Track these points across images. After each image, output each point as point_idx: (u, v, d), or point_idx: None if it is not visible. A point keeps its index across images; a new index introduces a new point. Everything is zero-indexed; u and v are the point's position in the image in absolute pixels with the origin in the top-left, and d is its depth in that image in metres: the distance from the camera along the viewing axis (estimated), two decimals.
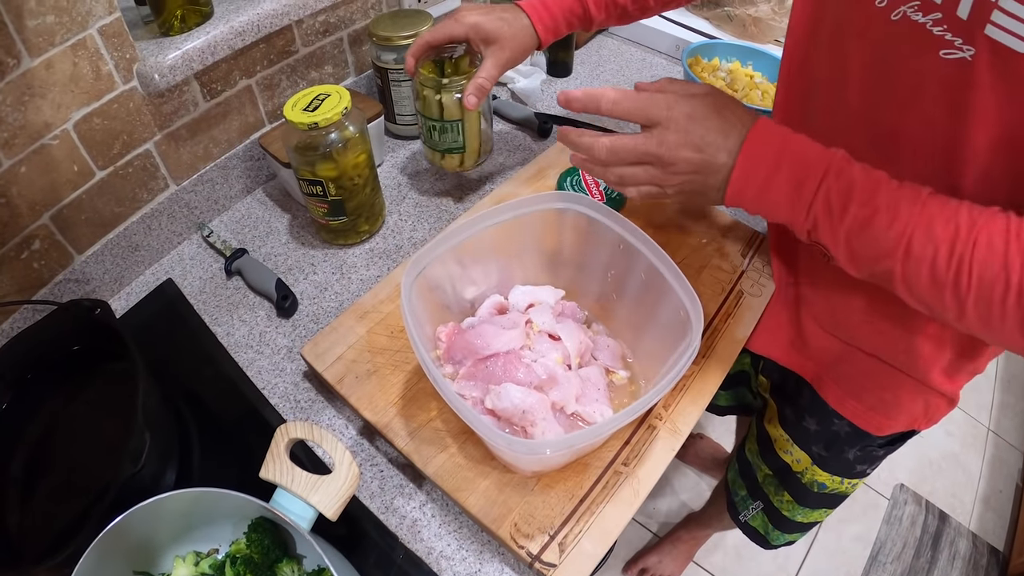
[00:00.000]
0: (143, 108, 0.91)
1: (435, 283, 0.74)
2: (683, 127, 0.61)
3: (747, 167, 0.60)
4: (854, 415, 0.90)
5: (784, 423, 1.03)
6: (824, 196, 0.57)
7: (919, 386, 0.83)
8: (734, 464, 1.24)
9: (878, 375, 0.84)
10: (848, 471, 0.99)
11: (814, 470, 1.01)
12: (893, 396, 0.86)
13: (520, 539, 0.66)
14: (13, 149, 0.78)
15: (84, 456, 0.77)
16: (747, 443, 1.18)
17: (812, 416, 0.96)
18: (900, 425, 0.90)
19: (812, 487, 1.04)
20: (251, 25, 0.95)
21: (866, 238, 0.56)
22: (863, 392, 0.88)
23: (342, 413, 0.82)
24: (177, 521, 0.65)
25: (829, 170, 0.57)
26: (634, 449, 0.74)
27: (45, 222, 0.86)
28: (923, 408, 0.86)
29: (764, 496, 1.15)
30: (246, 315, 0.94)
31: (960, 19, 0.52)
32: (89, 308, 0.76)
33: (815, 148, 0.59)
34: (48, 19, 0.76)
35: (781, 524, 1.16)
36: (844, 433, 0.93)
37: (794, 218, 0.60)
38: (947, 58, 0.54)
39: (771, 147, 0.60)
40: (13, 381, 0.77)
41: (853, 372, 0.87)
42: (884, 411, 0.88)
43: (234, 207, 1.11)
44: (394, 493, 0.75)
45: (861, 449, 0.95)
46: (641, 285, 0.75)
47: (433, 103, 0.96)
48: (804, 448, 1.00)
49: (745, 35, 1.45)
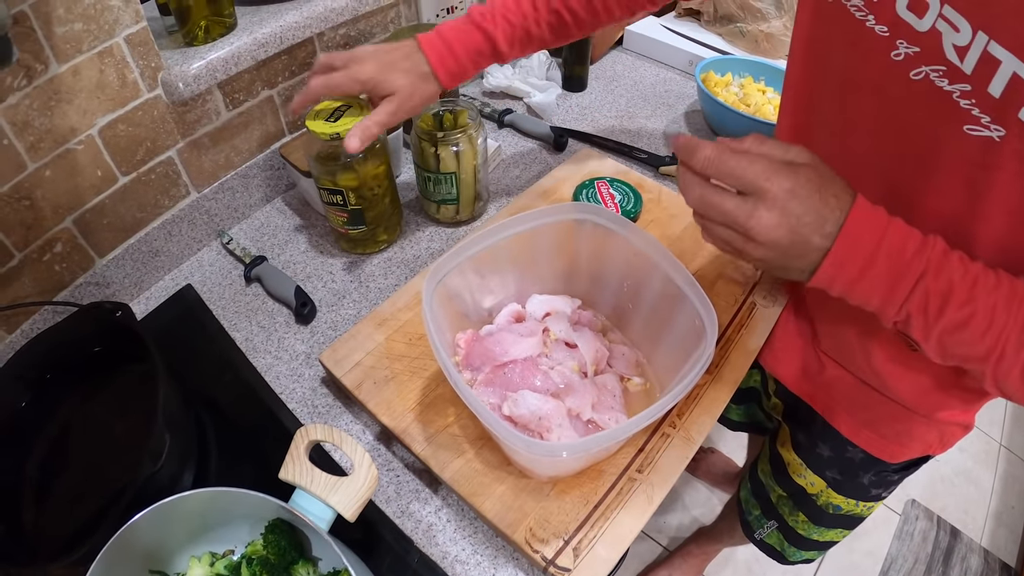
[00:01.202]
0: (167, 116, 0.93)
1: (454, 292, 0.75)
2: (780, 205, 0.53)
3: (842, 256, 0.54)
4: (868, 444, 0.90)
5: (797, 448, 1.02)
6: (921, 296, 0.54)
7: (932, 419, 0.83)
8: (747, 483, 1.23)
9: (891, 408, 0.84)
10: (864, 495, 0.99)
11: (829, 493, 1.00)
12: (906, 428, 0.86)
13: (535, 544, 0.67)
14: (39, 153, 0.80)
15: (101, 456, 0.78)
16: (760, 464, 1.17)
17: (825, 443, 0.96)
18: (915, 452, 0.90)
19: (827, 508, 1.03)
20: (274, 37, 0.97)
21: (960, 338, 0.54)
22: (876, 422, 0.88)
23: (359, 418, 0.83)
24: (193, 521, 0.66)
25: (928, 269, 0.53)
26: (648, 456, 0.75)
27: (68, 225, 0.87)
28: (938, 437, 0.86)
29: (778, 516, 1.14)
30: (265, 321, 0.95)
31: (991, 96, 0.50)
32: (111, 310, 0.77)
33: (914, 240, 0.54)
34: (76, 26, 0.77)
35: (797, 542, 1.15)
36: (859, 460, 0.93)
37: (885, 311, 0.56)
38: (971, 134, 0.53)
39: (870, 237, 0.54)
40: (33, 381, 0.79)
41: (866, 404, 0.87)
42: (898, 440, 0.88)
43: (253, 215, 1.13)
44: (410, 498, 0.75)
45: (876, 474, 0.95)
46: (656, 295, 0.75)
47: (430, 155, 0.98)
48: (818, 473, 1.00)
49: (757, 51, 1.46)
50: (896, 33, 0.56)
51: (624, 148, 1.24)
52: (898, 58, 0.56)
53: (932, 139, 0.57)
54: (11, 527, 0.70)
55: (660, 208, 1.05)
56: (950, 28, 0.51)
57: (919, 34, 0.54)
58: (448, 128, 1.00)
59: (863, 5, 0.58)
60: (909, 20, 0.54)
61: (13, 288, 0.84)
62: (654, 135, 1.30)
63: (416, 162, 1.02)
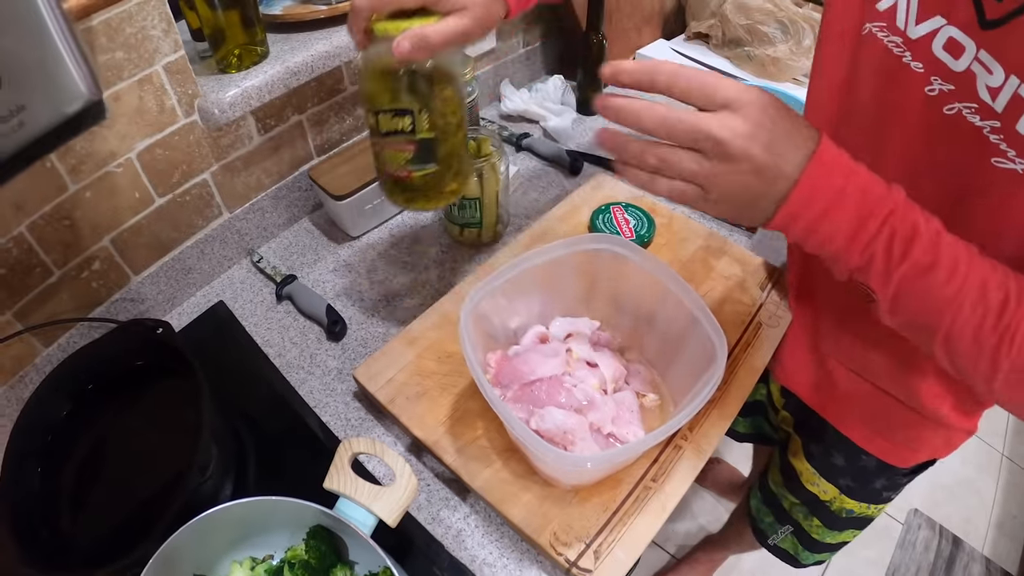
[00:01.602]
0: (202, 140, 0.96)
1: (483, 314, 0.79)
2: (755, 118, 0.49)
3: (811, 189, 0.51)
4: (881, 452, 0.93)
5: (810, 458, 1.05)
6: (887, 235, 0.52)
7: (941, 423, 0.85)
8: (756, 493, 1.26)
9: (901, 414, 0.87)
10: (875, 498, 1.02)
11: (842, 499, 1.03)
12: (916, 433, 0.89)
13: (559, 547, 0.71)
14: (80, 175, 0.83)
15: (143, 468, 0.80)
16: (770, 475, 1.19)
17: (839, 452, 0.98)
18: (923, 456, 0.93)
19: (841, 513, 1.06)
20: (305, 66, 1.00)
21: (919, 288, 0.53)
22: (888, 430, 0.91)
23: (391, 431, 0.87)
24: (235, 530, 0.69)
25: (895, 209, 0.52)
26: (662, 466, 0.79)
27: (105, 244, 0.91)
28: (944, 441, 0.90)
29: (793, 521, 1.16)
30: (296, 338, 0.99)
31: (1019, 133, 0.52)
32: (152, 327, 0.81)
33: (879, 182, 0.53)
34: (118, 55, 0.81)
35: (812, 546, 1.17)
36: (872, 467, 0.96)
37: (847, 254, 0.53)
38: (998, 166, 0.55)
39: (838, 172, 0.52)
40: (73, 393, 0.81)
41: (878, 412, 0.89)
42: (908, 446, 0.91)
43: (282, 235, 1.16)
44: (440, 505, 0.79)
45: (888, 479, 0.98)
46: (670, 318, 0.79)
47: None
48: (831, 481, 1.02)
49: (764, 74, 1.50)
50: (931, 71, 0.59)
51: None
52: (932, 93, 0.59)
53: (960, 169, 0.59)
54: (51, 533, 0.72)
55: (671, 232, 1.10)
56: (984, 71, 0.54)
57: (955, 74, 0.57)
58: (472, 155, 1.04)
59: (902, 43, 0.61)
60: (945, 60, 0.58)
61: (52, 303, 0.88)
62: None
63: None
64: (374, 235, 1.16)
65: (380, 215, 1.16)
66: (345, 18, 1.05)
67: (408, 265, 1.10)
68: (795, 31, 1.45)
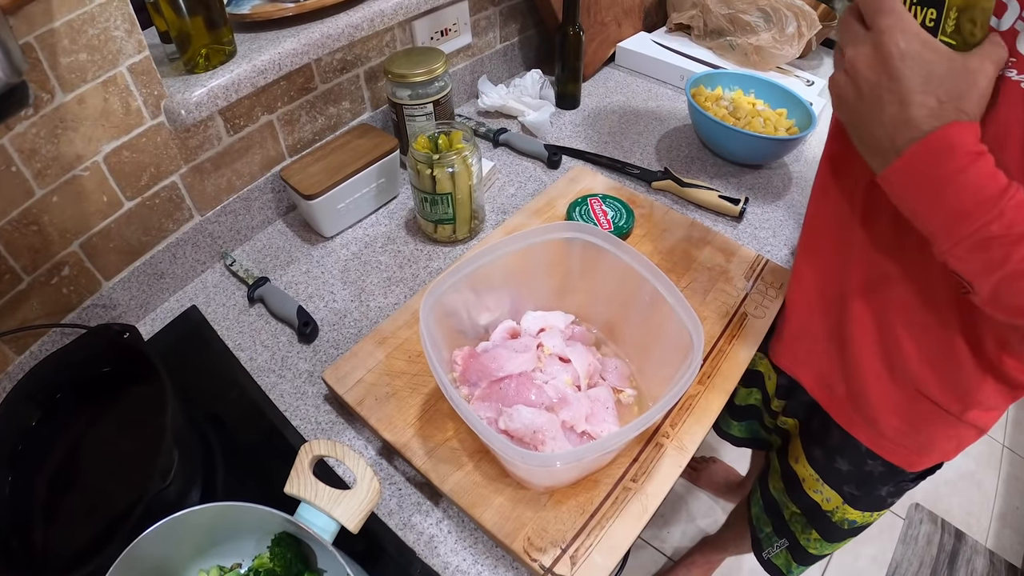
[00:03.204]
0: (170, 142, 0.95)
1: (451, 310, 0.77)
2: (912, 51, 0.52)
3: (957, 131, 0.51)
4: (891, 455, 0.89)
5: (813, 463, 1.02)
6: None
7: (956, 423, 0.81)
8: (758, 500, 1.23)
9: (914, 417, 0.83)
10: (879, 505, 0.99)
11: (845, 509, 1.00)
12: (927, 437, 0.86)
13: (533, 552, 0.69)
14: (46, 179, 0.82)
15: (110, 474, 0.79)
16: (771, 481, 1.17)
17: (844, 457, 0.95)
18: (932, 460, 0.90)
19: (842, 525, 1.03)
20: (272, 64, 0.98)
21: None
22: (899, 434, 0.87)
23: (361, 434, 0.85)
24: (201, 536, 0.67)
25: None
26: (642, 466, 0.76)
27: (75, 249, 0.89)
28: (955, 444, 0.86)
29: (790, 534, 1.14)
30: (268, 341, 0.97)
31: None
32: (119, 332, 0.79)
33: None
34: (81, 56, 0.79)
35: (804, 560, 1.16)
36: (878, 473, 0.93)
37: (978, 207, 0.52)
38: None
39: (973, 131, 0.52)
40: (43, 401, 0.80)
41: (889, 413, 0.85)
42: (918, 450, 0.88)
43: (255, 237, 1.15)
44: (412, 510, 0.77)
45: (894, 485, 0.95)
46: (646, 309, 0.77)
47: (426, 177, 1.00)
48: (835, 488, 1.00)
49: (747, 63, 1.49)
50: None
51: (617, 164, 1.26)
52: None
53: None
54: (22, 543, 0.71)
55: (652, 223, 1.08)
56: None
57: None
58: (443, 150, 1.02)
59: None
60: None
61: (22, 311, 0.86)
62: (646, 150, 1.33)
63: (413, 183, 1.04)
64: (348, 235, 1.14)
65: (354, 215, 1.15)
66: (313, 15, 1.04)
67: (382, 264, 1.08)
68: (778, 19, 1.44)
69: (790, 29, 1.43)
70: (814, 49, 1.59)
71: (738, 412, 1.20)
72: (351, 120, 1.24)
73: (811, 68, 1.56)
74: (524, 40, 1.58)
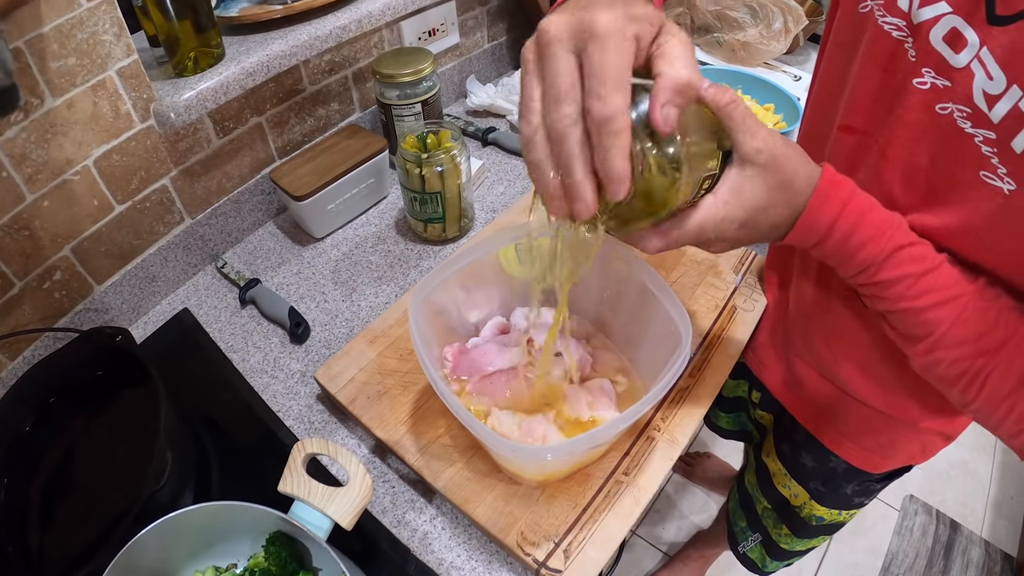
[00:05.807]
0: (160, 145, 0.95)
1: (441, 307, 0.77)
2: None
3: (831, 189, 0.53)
4: (851, 456, 0.91)
5: (782, 457, 1.03)
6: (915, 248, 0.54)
7: (915, 429, 0.83)
8: (735, 494, 1.24)
9: (872, 419, 0.84)
10: (846, 504, 1.00)
11: (812, 505, 1.01)
12: (889, 439, 0.87)
13: (527, 547, 0.69)
14: (36, 184, 0.82)
15: (105, 477, 0.80)
16: (746, 475, 1.18)
17: (809, 453, 0.96)
18: (897, 462, 0.90)
19: (810, 520, 1.04)
20: (261, 66, 0.99)
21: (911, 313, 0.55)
22: (859, 435, 0.88)
23: (354, 433, 0.85)
24: (196, 537, 0.68)
25: (903, 224, 0.55)
26: (634, 459, 0.77)
27: (66, 253, 0.89)
28: (920, 448, 0.87)
29: (763, 528, 1.15)
30: (260, 342, 0.97)
31: (1014, 151, 0.48)
32: (111, 335, 0.80)
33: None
34: (70, 61, 0.80)
35: (778, 555, 1.17)
36: (842, 470, 0.93)
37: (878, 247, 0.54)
38: (986, 181, 0.51)
39: (846, 188, 0.54)
40: (36, 405, 0.81)
41: (847, 415, 0.87)
42: (881, 452, 0.89)
43: (246, 239, 1.15)
44: (405, 508, 0.77)
45: (859, 484, 0.96)
46: (634, 302, 0.77)
47: (415, 176, 1.00)
48: (802, 483, 1.01)
49: (734, 59, 1.49)
50: (924, 61, 0.54)
51: None
52: (923, 87, 0.54)
53: (947, 176, 0.55)
54: (18, 548, 0.72)
55: None
56: (983, 73, 0.49)
57: (952, 69, 0.51)
58: (432, 149, 1.02)
59: (905, 27, 0.55)
60: (943, 52, 0.52)
61: (14, 316, 0.86)
62: None
63: (402, 183, 1.04)
64: (339, 236, 1.14)
65: (344, 215, 1.15)
66: (300, 17, 1.04)
67: (372, 264, 1.08)
68: (764, 15, 1.44)
69: (777, 25, 1.43)
70: (801, 45, 1.60)
71: (726, 404, 1.20)
72: (340, 121, 1.24)
73: (798, 64, 1.56)
74: (512, 39, 1.58)
